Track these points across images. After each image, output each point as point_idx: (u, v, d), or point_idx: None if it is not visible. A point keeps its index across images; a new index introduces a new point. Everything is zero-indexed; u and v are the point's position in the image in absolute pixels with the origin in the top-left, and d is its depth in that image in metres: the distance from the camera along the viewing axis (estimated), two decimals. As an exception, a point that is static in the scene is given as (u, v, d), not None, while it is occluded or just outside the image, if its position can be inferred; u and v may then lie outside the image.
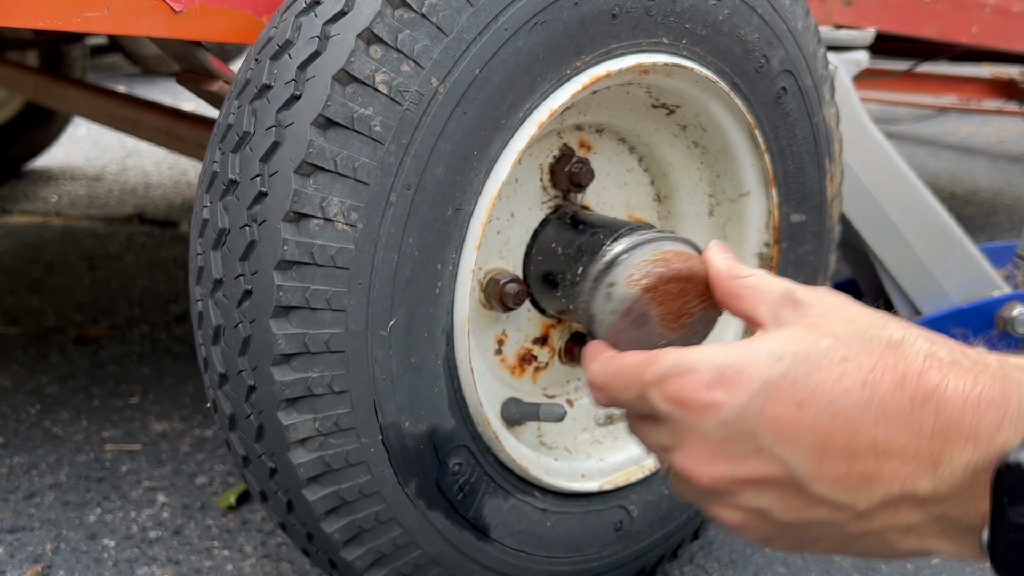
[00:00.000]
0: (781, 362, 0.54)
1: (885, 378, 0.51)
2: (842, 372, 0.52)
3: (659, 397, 0.58)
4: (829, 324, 0.55)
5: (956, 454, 0.49)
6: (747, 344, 0.56)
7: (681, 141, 1.10)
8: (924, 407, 0.50)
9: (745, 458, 0.55)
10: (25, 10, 0.90)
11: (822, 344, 0.54)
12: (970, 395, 0.50)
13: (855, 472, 0.52)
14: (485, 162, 0.86)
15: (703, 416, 0.55)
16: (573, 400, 1.12)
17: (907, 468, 0.51)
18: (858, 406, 0.51)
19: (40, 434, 1.55)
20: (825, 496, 0.53)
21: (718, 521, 0.59)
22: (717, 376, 0.55)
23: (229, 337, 0.82)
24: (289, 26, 0.83)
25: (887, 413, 0.51)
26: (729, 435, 0.55)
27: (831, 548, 0.56)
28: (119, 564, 1.23)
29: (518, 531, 0.97)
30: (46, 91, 2.17)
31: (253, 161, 0.80)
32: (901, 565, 1.28)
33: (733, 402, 0.54)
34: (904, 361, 0.52)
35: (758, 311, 0.61)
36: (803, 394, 0.52)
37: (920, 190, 1.54)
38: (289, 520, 0.89)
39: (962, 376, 0.51)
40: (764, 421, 0.53)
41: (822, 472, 0.52)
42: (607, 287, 0.72)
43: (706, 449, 0.56)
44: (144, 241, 2.58)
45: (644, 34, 0.93)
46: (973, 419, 0.49)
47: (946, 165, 4.02)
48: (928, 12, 1.62)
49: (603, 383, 0.64)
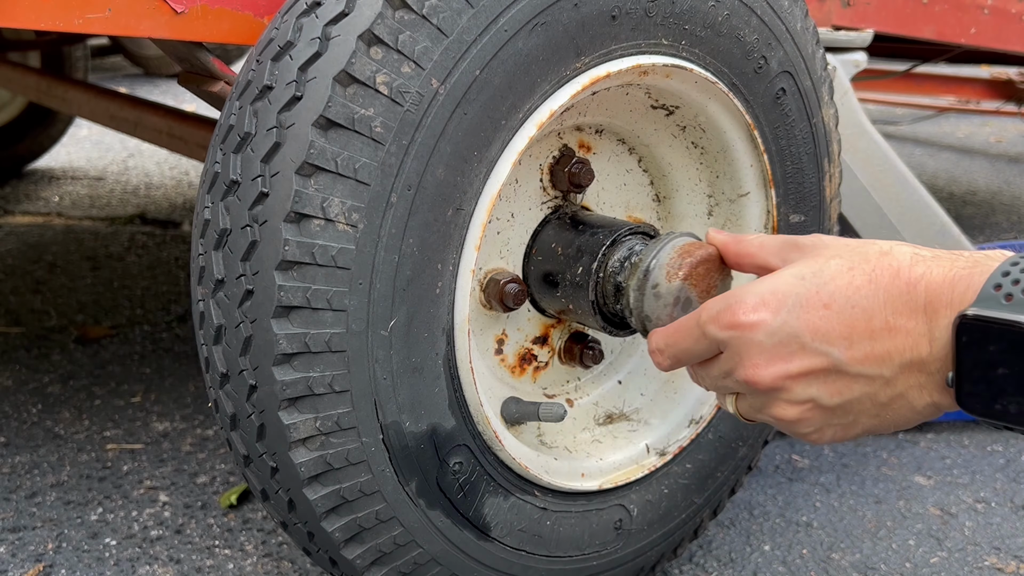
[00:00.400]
0: (805, 280, 0.69)
1: (884, 274, 0.66)
2: (851, 277, 0.67)
3: (716, 328, 0.72)
4: (831, 250, 0.71)
5: (941, 320, 0.64)
6: (775, 274, 0.71)
7: (680, 142, 1.11)
8: (916, 288, 0.65)
9: (793, 355, 0.69)
10: (27, 11, 0.90)
11: (832, 263, 0.69)
12: (947, 276, 0.65)
13: (877, 349, 0.66)
14: (485, 163, 0.86)
15: (755, 331, 0.69)
16: (573, 399, 1.13)
17: (912, 338, 0.65)
18: (869, 297, 0.66)
19: (42, 433, 1.56)
20: (860, 372, 0.67)
21: (779, 422, 0.73)
22: (759, 300, 0.70)
23: (230, 337, 0.83)
24: (290, 27, 0.83)
25: (890, 297, 0.65)
26: (778, 340, 0.69)
27: (870, 425, 0.70)
28: (120, 563, 1.23)
29: (518, 530, 0.98)
30: (48, 92, 2.18)
31: (254, 162, 0.81)
32: (900, 564, 1.29)
33: (775, 315, 0.69)
34: (896, 260, 0.67)
35: (769, 260, 0.76)
36: (826, 298, 0.67)
37: (918, 190, 1.54)
38: (290, 519, 0.90)
39: (942, 264, 0.66)
40: (802, 324, 0.68)
41: (853, 354, 0.67)
42: (652, 289, 0.86)
43: (762, 356, 0.70)
44: (146, 241, 2.58)
45: (643, 35, 0.94)
46: (951, 292, 0.64)
47: (944, 165, 4.03)
48: (926, 13, 1.63)
49: (664, 343, 0.78)
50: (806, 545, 1.33)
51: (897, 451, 1.61)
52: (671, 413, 1.13)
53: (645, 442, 1.10)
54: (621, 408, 1.14)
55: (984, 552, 1.32)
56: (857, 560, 1.29)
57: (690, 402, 1.13)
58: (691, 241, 0.89)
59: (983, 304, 0.61)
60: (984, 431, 1.70)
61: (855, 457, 1.58)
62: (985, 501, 1.46)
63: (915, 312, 0.65)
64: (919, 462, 1.58)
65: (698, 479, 1.14)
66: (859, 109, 1.47)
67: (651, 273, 0.88)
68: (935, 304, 0.64)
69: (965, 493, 1.48)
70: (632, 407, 1.14)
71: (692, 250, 0.86)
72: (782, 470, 1.53)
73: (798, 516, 1.40)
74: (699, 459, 1.13)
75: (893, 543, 1.34)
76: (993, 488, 1.50)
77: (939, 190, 3.54)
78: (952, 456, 1.61)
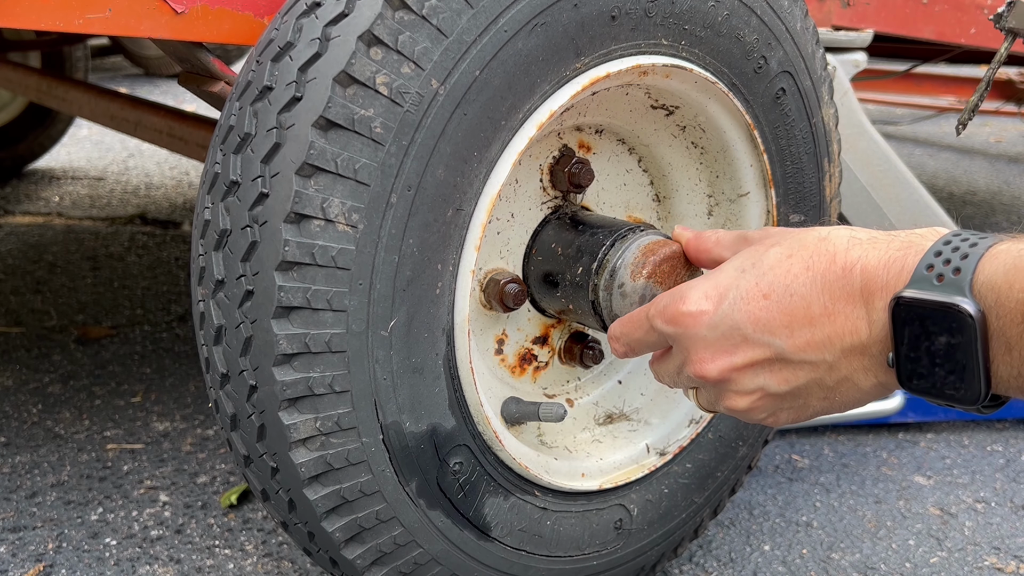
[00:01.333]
0: (745, 272, 0.71)
1: (821, 260, 0.67)
2: (789, 265, 0.68)
3: (661, 321, 0.74)
4: (772, 239, 0.72)
5: (877, 303, 0.65)
6: (718, 268, 0.73)
7: (680, 142, 1.11)
8: (852, 272, 0.66)
9: (737, 347, 0.70)
10: (27, 11, 0.90)
11: (771, 252, 0.70)
12: (882, 258, 0.66)
13: (818, 335, 0.67)
14: (485, 163, 0.86)
15: (697, 325, 0.71)
16: (573, 399, 1.13)
17: (851, 323, 0.66)
18: (806, 284, 0.67)
19: (42, 433, 1.56)
20: (804, 359, 0.68)
21: (732, 412, 0.74)
22: (701, 294, 0.72)
23: (231, 337, 0.83)
24: (290, 28, 0.83)
25: (827, 283, 0.67)
26: (720, 333, 0.71)
27: (820, 407, 0.72)
28: (121, 563, 1.23)
29: (518, 530, 0.98)
30: (48, 92, 2.18)
31: (254, 162, 0.81)
32: (900, 564, 1.29)
33: (716, 308, 0.71)
34: (832, 245, 0.68)
35: (723, 255, 0.78)
36: (765, 288, 0.69)
37: (918, 190, 1.54)
38: (290, 519, 0.90)
39: (878, 247, 0.67)
40: (743, 316, 0.69)
41: (795, 342, 0.68)
42: (618, 288, 0.88)
43: (707, 350, 0.72)
44: (146, 241, 2.58)
45: (643, 36, 0.94)
46: (886, 275, 0.65)
47: (944, 165, 4.03)
48: (926, 13, 1.63)
49: (619, 332, 0.80)
50: (806, 545, 1.33)
51: (897, 451, 1.61)
52: (671, 413, 1.13)
53: (645, 442, 1.10)
54: (621, 408, 1.14)
55: (984, 552, 1.32)
56: (857, 560, 1.29)
57: (690, 402, 1.13)
58: (656, 239, 0.90)
59: (917, 285, 0.63)
60: (984, 431, 1.70)
61: (855, 457, 1.59)
62: (985, 501, 1.46)
63: (852, 297, 0.66)
64: (919, 462, 1.58)
65: (698, 479, 1.14)
66: (859, 109, 1.47)
67: (617, 272, 0.90)
68: (871, 287, 0.65)
69: (965, 493, 1.48)
70: (632, 407, 1.14)
71: (656, 248, 0.88)
72: (782, 470, 1.53)
73: (798, 516, 1.40)
74: (699, 459, 1.13)
75: (893, 543, 1.34)
76: (993, 488, 1.50)
77: (939, 190, 3.54)
78: (952, 456, 1.61)
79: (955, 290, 0.61)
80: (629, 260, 0.90)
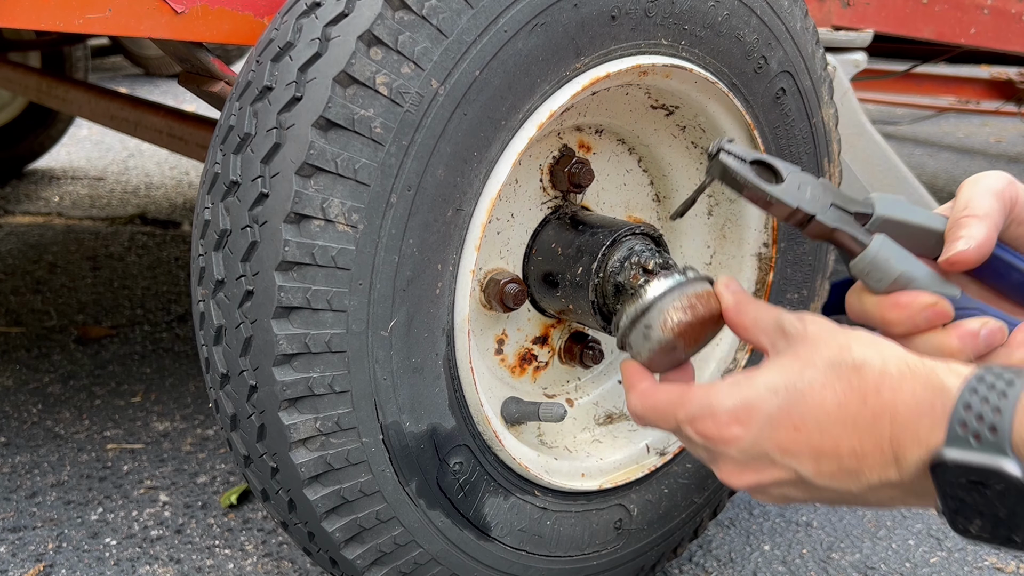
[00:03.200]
0: (777, 395, 0.71)
1: (853, 401, 0.68)
2: (822, 399, 0.69)
3: (692, 432, 0.76)
4: (809, 353, 0.72)
5: (909, 455, 0.66)
6: (749, 381, 0.73)
7: (680, 142, 1.11)
8: (880, 421, 0.67)
9: (764, 469, 0.73)
10: (27, 11, 0.90)
11: (805, 375, 0.71)
12: (909, 405, 0.66)
13: (843, 469, 0.69)
14: (485, 163, 0.86)
15: (728, 446, 0.73)
16: (573, 399, 1.13)
17: (878, 464, 0.68)
18: (836, 424, 0.69)
19: (42, 433, 1.56)
20: (827, 486, 0.71)
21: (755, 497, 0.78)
22: (732, 416, 0.73)
23: (231, 337, 0.83)
24: (290, 28, 0.83)
25: (857, 427, 0.68)
26: (749, 457, 0.73)
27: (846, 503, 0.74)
28: (121, 563, 1.23)
29: (518, 530, 0.98)
30: (48, 92, 2.18)
31: (254, 162, 0.81)
32: (900, 564, 1.29)
33: (747, 435, 0.72)
34: (864, 382, 0.69)
35: (760, 340, 0.78)
36: (797, 419, 0.70)
37: (918, 190, 1.55)
38: (290, 519, 0.90)
39: (907, 389, 0.67)
40: (772, 445, 0.71)
41: (820, 471, 0.70)
42: (644, 328, 0.84)
43: (735, 467, 0.74)
44: (146, 241, 2.58)
45: (643, 36, 0.94)
46: (916, 425, 0.66)
47: (944, 165, 4.03)
48: (926, 13, 1.63)
49: (643, 415, 0.81)
50: (806, 545, 1.33)
51: (897, 451, 1.61)
52: (671, 413, 1.13)
53: (645, 442, 1.10)
54: (621, 408, 1.14)
55: (984, 552, 1.32)
56: (857, 560, 1.30)
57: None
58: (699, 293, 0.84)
59: (955, 444, 0.64)
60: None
61: (855, 457, 1.58)
62: (985, 501, 1.46)
63: (881, 446, 0.67)
64: (919, 462, 1.58)
65: (698, 478, 1.14)
66: (859, 109, 1.47)
67: (648, 312, 0.84)
68: (900, 439, 0.66)
69: (965, 493, 1.48)
70: (632, 407, 1.14)
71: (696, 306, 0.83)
72: (782, 470, 1.53)
73: (798, 516, 1.40)
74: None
75: (893, 543, 1.34)
76: (993, 488, 1.50)
77: (939, 190, 3.54)
78: (952, 456, 1.60)
79: (995, 450, 0.62)
80: (666, 306, 0.83)
